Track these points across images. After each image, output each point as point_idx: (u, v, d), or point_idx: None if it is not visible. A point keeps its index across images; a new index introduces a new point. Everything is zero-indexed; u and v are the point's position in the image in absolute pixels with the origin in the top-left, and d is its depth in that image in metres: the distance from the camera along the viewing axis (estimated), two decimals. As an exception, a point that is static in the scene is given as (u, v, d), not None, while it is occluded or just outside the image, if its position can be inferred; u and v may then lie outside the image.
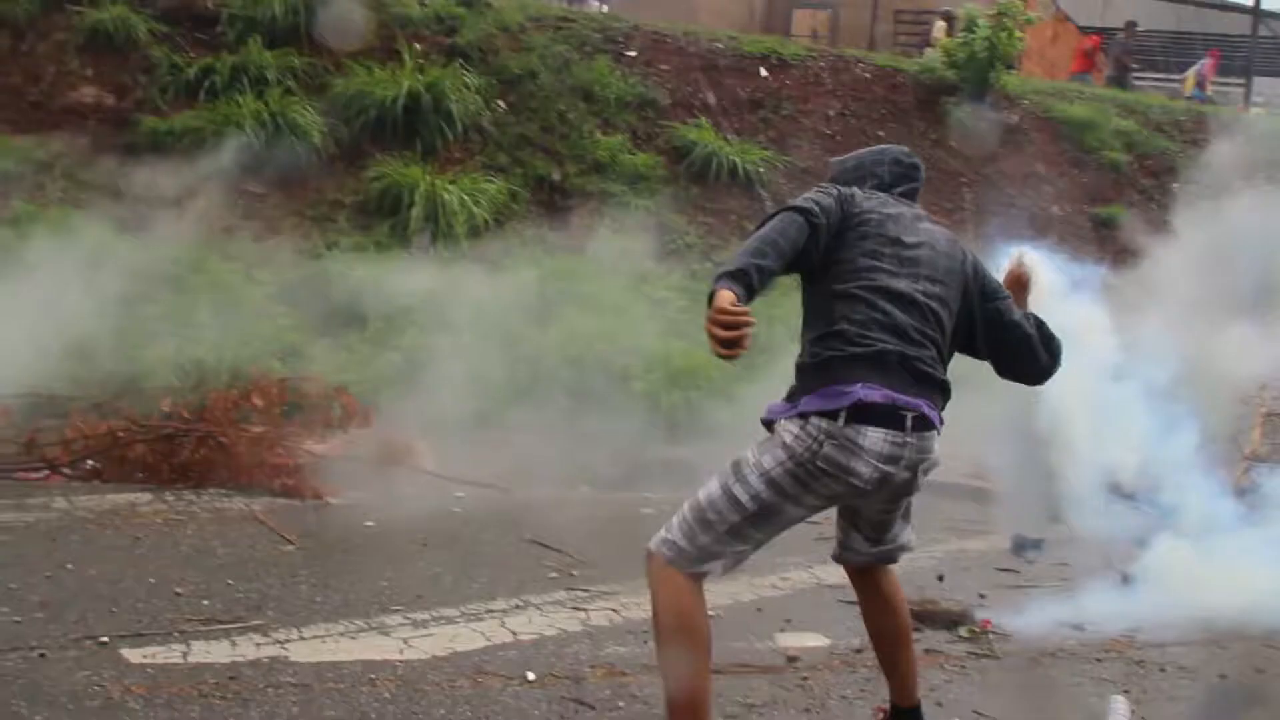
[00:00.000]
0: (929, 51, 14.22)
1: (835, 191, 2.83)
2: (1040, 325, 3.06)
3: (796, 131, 12.11)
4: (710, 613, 4.33)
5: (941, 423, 2.78)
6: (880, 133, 12.28)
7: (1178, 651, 4.34)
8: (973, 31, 12.93)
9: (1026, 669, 4.10)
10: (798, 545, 5.39)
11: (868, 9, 18.99)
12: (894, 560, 3.08)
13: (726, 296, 2.43)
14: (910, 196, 3.05)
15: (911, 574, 5.25)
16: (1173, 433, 5.52)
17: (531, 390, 7.33)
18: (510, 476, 6.54)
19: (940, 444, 2.80)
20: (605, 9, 15.64)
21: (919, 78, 13.37)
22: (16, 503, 5.33)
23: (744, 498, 2.69)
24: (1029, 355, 3.03)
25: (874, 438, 2.63)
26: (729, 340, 2.39)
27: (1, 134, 9.16)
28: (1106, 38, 18.72)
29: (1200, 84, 17.62)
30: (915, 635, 4.29)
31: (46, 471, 5.98)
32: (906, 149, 3.17)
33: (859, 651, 4.01)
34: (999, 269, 3.27)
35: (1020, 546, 5.90)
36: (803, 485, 2.68)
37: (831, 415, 2.63)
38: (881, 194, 2.95)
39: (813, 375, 2.71)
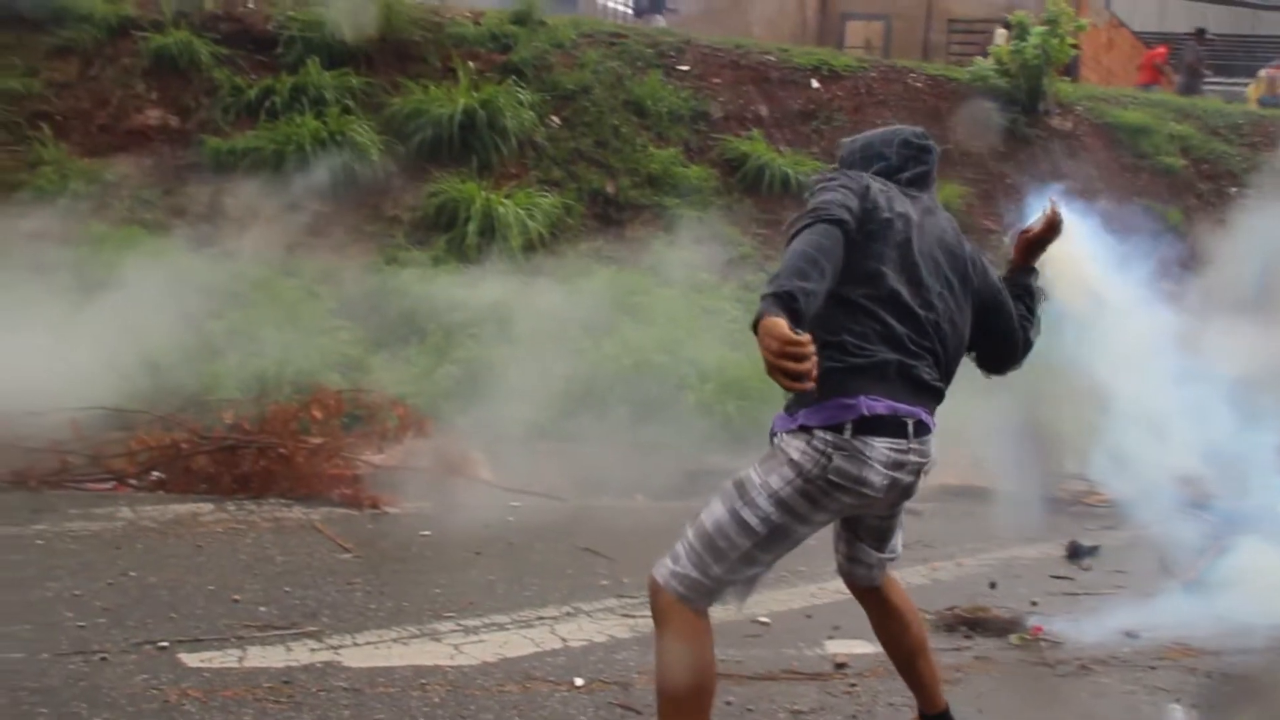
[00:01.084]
0: (978, 60, 14.09)
1: (855, 187, 2.67)
2: (1027, 322, 3.03)
3: (848, 142, 12.06)
4: (762, 619, 4.40)
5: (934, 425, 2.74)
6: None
7: (1235, 660, 4.26)
8: (1024, 39, 12.82)
9: (1078, 676, 4.04)
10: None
11: (921, 19, 18.89)
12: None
13: (782, 325, 2.24)
14: (921, 181, 2.90)
15: (963, 581, 5.25)
16: (1242, 435, 5.40)
17: (587, 401, 7.37)
18: (566, 486, 6.59)
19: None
20: (664, 23, 15.73)
21: (971, 86, 13.30)
22: (84, 512, 5.50)
23: (753, 521, 2.58)
24: (1009, 355, 3.03)
25: (880, 448, 2.57)
26: (800, 373, 2.23)
27: (71, 156, 9.45)
28: (1174, 47, 18.42)
29: (1272, 88, 17.19)
30: (966, 642, 4.31)
31: (113, 482, 6.15)
32: (920, 129, 3.01)
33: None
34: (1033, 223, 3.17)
35: (1075, 553, 5.83)
36: (813, 502, 2.59)
37: (836, 428, 2.56)
38: (891, 185, 2.79)
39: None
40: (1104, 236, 4.67)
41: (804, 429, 2.59)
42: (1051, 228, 3.12)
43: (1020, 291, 3.08)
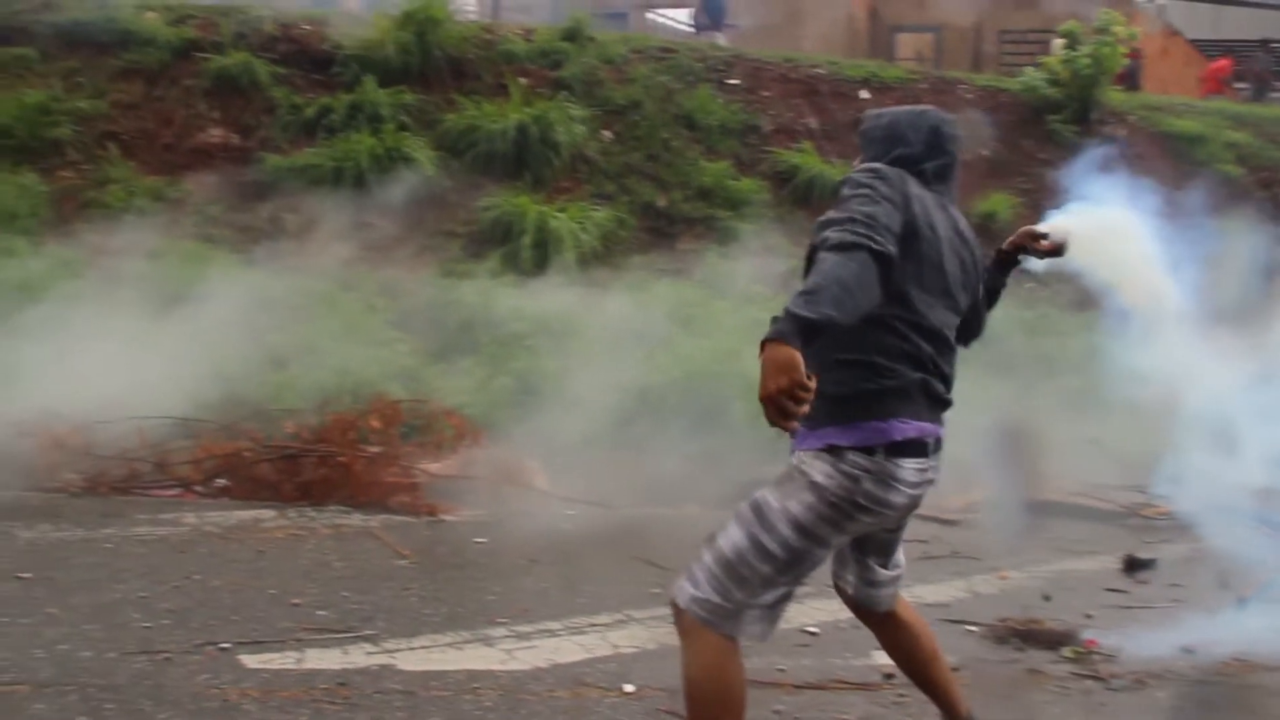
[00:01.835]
0: (1028, 70, 14.01)
1: (897, 199, 2.52)
2: (988, 305, 3.02)
3: (899, 153, 12.05)
4: (810, 629, 4.41)
5: None
6: (985, 152, 12.17)
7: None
8: (1074, 49, 12.74)
9: (1131, 691, 4.00)
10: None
11: (971, 31, 18.80)
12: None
13: (800, 362, 2.19)
14: (944, 175, 2.77)
15: (1016, 593, 5.21)
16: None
17: (641, 411, 7.41)
18: (619, 495, 6.62)
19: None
20: (723, 40, 15.78)
21: (1022, 97, 13.22)
22: (151, 518, 5.66)
23: (773, 547, 2.52)
24: (964, 340, 2.97)
25: (909, 468, 2.56)
26: (795, 415, 2.21)
27: (137, 174, 9.72)
28: (1240, 57, 18.14)
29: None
30: (1018, 655, 4.28)
31: (180, 489, 6.31)
32: (949, 117, 2.86)
33: (955, 670, 3.97)
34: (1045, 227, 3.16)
35: (1132, 566, 5.75)
36: (833, 524, 2.55)
37: (868, 450, 2.52)
38: (925, 190, 2.66)
39: (839, 407, 2.53)
40: (1164, 241, 4.61)
41: (832, 450, 2.54)
42: (1055, 251, 3.11)
43: (992, 281, 3.06)
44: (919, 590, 5.03)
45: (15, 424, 5.99)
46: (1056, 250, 3.12)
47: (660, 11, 21.33)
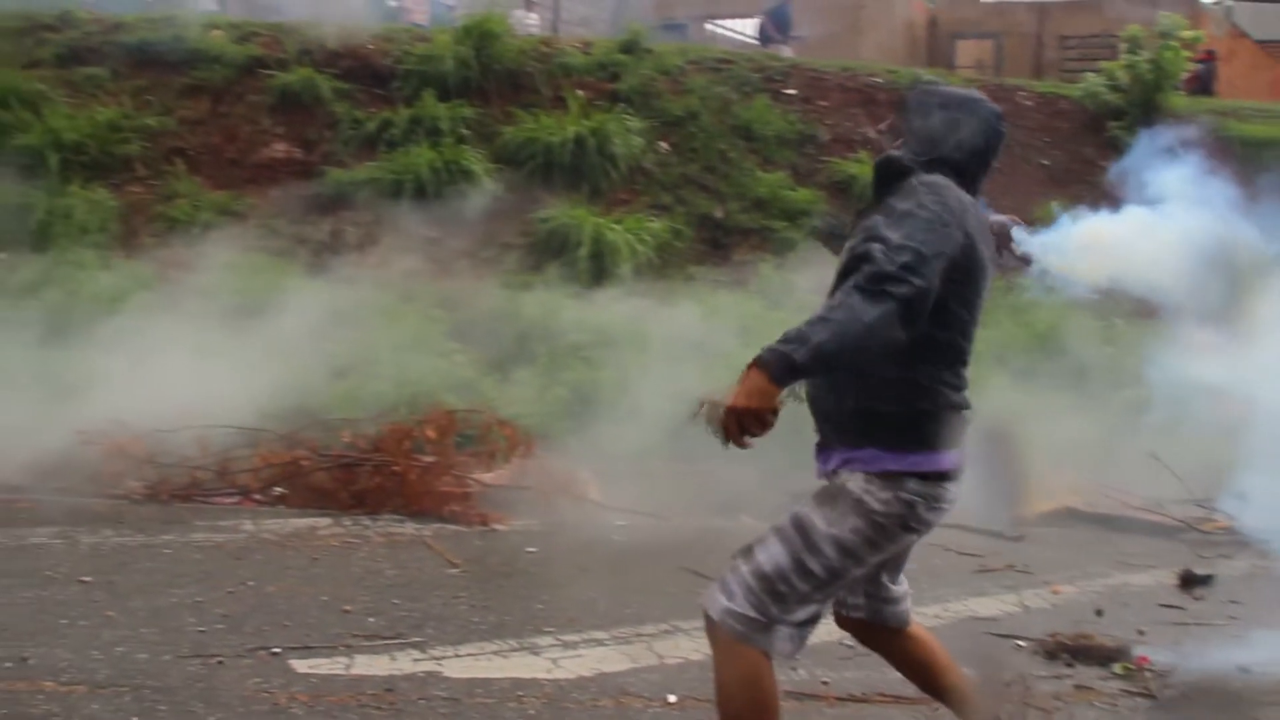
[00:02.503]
0: (1089, 76, 13.80)
1: (954, 223, 2.47)
2: None
3: (958, 161, 11.95)
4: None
5: None
6: (1045, 161, 12.02)
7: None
8: (1135, 54, 12.53)
9: (1183, 709, 3.93)
10: (955, 578, 5.37)
11: (1032, 37, 18.58)
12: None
13: (777, 399, 2.30)
14: (981, 180, 2.73)
15: (1068, 608, 5.13)
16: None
17: (694, 422, 7.41)
18: (671, 506, 6.63)
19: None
20: (790, 52, 15.75)
21: (1082, 103, 13.04)
22: (210, 524, 5.80)
23: (815, 568, 2.53)
24: None
25: (953, 490, 2.58)
26: (740, 443, 2.34)
27: (203, 189, 9.98)
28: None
29: None
30: (1067, 670, 4.23)
31: (239, 497, 6.46)
32: (999, 111, 2.77)
33: (1006, 685, 3.93)
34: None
35: (1188, 582, 5.63)
36: (876, 547, 2.56)
37: (924, 477, 2.53)
38: (969, 200, 2.59)
39: (900, 433, 2.54)
40: (1216, 244, 4.52)
41: (889, 475, 2.53)
42: (1018, 259, 3.10)
43: None
44: (971, 603, 5.01)
45: (82, 432, 6.17)
46: (1022, 260, 3.10)
47: (719, 22, 21.35)
